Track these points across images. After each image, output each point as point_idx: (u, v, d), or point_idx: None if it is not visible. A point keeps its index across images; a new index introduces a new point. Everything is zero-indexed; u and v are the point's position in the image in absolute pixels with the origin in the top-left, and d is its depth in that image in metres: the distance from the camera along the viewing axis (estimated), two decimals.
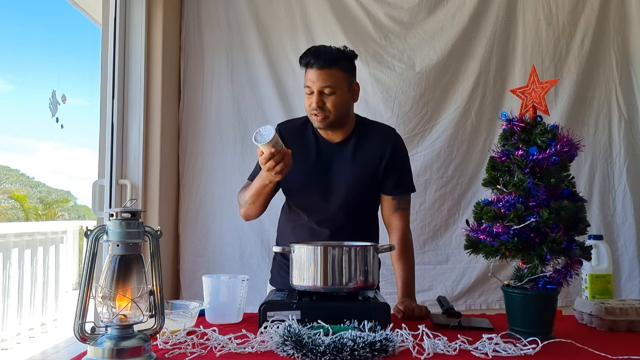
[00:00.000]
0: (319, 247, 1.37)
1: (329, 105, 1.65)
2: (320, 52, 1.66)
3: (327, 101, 1.65)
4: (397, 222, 1.77)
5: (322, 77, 1.63)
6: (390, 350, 1.07)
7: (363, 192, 1.73)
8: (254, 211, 1.75)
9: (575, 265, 1.20)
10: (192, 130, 2.79)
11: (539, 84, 1.27)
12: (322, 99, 1.64)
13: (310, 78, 1.64)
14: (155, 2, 2.55)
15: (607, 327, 1.34)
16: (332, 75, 1.64)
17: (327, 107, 1.65)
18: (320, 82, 1.63)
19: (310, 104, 1.65)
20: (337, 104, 1.66)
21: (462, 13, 2.73)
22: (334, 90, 1.64)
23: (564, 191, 1.21)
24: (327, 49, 1.68)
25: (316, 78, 1.63)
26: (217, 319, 1.42)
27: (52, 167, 30.71)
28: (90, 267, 1.03)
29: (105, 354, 1.01)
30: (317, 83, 1.63)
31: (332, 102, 1.65)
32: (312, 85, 1.64)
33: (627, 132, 2.72)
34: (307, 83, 1.66)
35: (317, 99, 1.64)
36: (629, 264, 2.66)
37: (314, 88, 1.64)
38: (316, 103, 1.64)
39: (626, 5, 2.74)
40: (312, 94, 1.65)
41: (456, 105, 2.72)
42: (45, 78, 30.32)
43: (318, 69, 1.63)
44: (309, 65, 1.65)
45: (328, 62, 1.63)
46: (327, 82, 1.63)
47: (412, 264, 1.75)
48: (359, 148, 1.73)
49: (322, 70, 1.63)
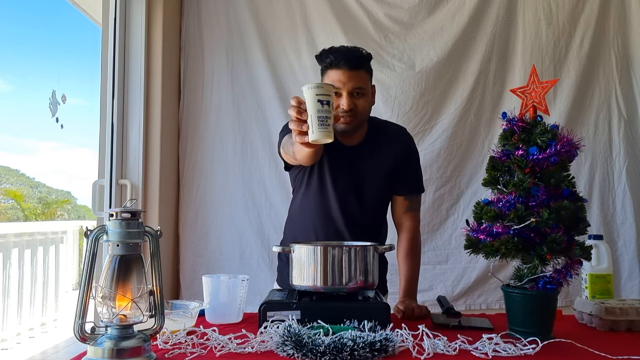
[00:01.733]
0: (319, 247, 1.37)
1: (359, 107, 1.59)
2: (349, 51, 1.60)
3: (357, 103, 1.59)
4: (408, 222, 1.77)
5: (354, 79, 1.57)
6: (390, 350, 1.07)
7: (378, 195, 1.71)
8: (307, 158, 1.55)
9: (575, 265, 1.20)
10: (192, 130, 2.79)
11: (539, 84, 1.27)
12: (353, 101, 1.58)
13: (340, 79, 1.56)
14: (155, 2, 2.55)
15: (607, 327, 1.34)
16: (361, 76, 1.59)
17: (357, 109, 1.59)
18: (352, 83, 1.57)
19: (338, 107, 1.56)
20: (365, 106, 1.62)
21: (462, 13, 2.73)
22: (364, 92, 1.60)
23: (564, 191, 1.21)
24: (353, 49, 1.62)
25: (347, 79, 1.56)
26: (217, 319, 1.42)
27: (52, 167, 30.70)
28: (90, 267, 1.03)
29: (105, 354, 1.01)
30: (349, 84, 1.56)
31: (362, 105, 1.60)
32: (342, 86, 1.56)
33: (626, 132, 2.72)
34: (334, 84, 1.54)
35: (349, 100, 1.57)
36: (629, 264, 2.66)
37: (345, 90, 1.56)
38: (348, 105, 1.57)
39: (626, 5, 2.74)
40: (339, 95, 1.57)
41: (456, 105, 2.72)
42: (45, 78, 30.31)
43: (349, 69, 1.56)
44: (336, 66, 1.57)
45: (358, 63, 1.58)
46: (358, 83, 1.58)
47: (417, 265, 1.75)
48: (374, 151, 1.70)
49: (353, 71, 1.57)
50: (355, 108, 1.59)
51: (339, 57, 1.57)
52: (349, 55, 1.58)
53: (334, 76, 1.58)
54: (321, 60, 1.62)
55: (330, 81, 1.57)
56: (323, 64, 1.62)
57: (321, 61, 1.63)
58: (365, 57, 1.63)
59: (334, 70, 1.58)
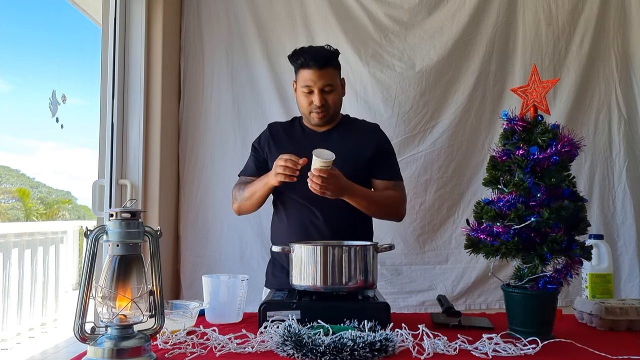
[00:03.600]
0: (318, 247, 1.38)
1: (330, 102, 1.77)
2: (317, 52, 1.76)
3: (328, 98, 1.76)
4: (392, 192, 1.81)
5: (323, 77, 1.73)
6: (390, 350, 1.07)
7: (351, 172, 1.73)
8: (248, 207, 1.83)
9: (576, 265, 1.20)
10: (192, 130, 2.79)
11: (540, 84, 1.27)
12: (324, 97, 1.75)
13: (311, 78, 1.73)
14: (155, 2, 2.55)
15: (607, 327, 1.34)
16: (330, 74, 1.76)
17: (328, 104, 1.77)
18: (322, 81, 1.74)
19: (311, 102, 1.76)
20: (336, 100, 1.79)
21: (462, 13, 2.73)
22: (333, 88, 1.77)
23: (564, 191, 1.21)
24: (320, 49, 1.79)
25: (317, 78, 1.73)
26: (217, 319, 1.42)
27: (52, 167, 30.72)
28: (90, 267, 1.03)
29: (105, 354, 1.01)
30: (319, 82, 1.73)
31: (332, 99, 1.78)
32: (312, 85, 1.74)
33: (626, 132, 2.71)
34: (306, 83, 1.75)
35: (320, 97, 1.74)
36: (629, 264, 2.65)
37: (315, 87, 1.74)
38: (320, 101, 1.74)
39: (626, 5, 2.74)
40: (311, 93, 1.75)
41: (456, 104, 2.72)
42: (45, 78, 30.35)
43: (318, 69, 1.73)
44: (307, 66, 1.75)
45: (326, 62, 1.74)
46: (328, 80, 1.75)
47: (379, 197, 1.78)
48: (346, 134, 1.84)
49: (322, 70, 1.74)
50: (327, 103, 1.77)
51: (308, 58, 1.74)
52: (317, 56, 1.74)
53: (305, 75, 1.75)
54: (293, 61, 1.80)
55: (302, 80, 1.76)
56: (295, 64, 1.80)
57: (293, 62, 1.80)
58: (333, 55, 1.78)
59: (305, 70, 1.75)
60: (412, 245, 2.68)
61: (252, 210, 1.84)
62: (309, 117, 1.80)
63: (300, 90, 1.77)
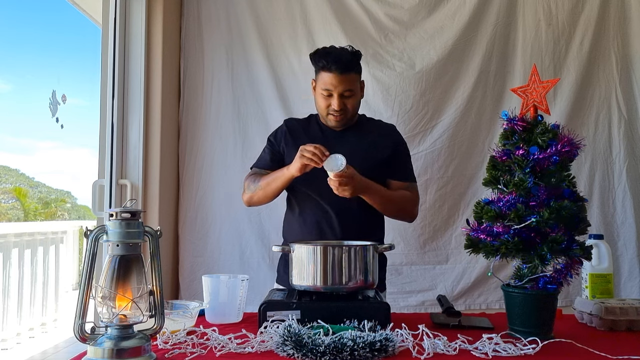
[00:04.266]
0: (318, 247, 1.37)
1: (349, 106, 1.75)
2: (340, 56, 1.71)
3: (347, 103, 1.74)
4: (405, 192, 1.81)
5: (344, 82, 1.70)
6: (390, 350, 1.07)
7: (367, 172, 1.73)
8: (261, 197, 1.79)
9: (576, 265, 1.20)
10: (192, 130, 2.79)
11: (540, 83, 1.27)
12: (343, 101, 1.73)
13: (332, 82, 1.70)
14: (155, 2, 2.55)
15: (607, 327, 1.34)
16: (351, 79, 1.72)
17: (347, 108, 1.74)
18: (343, 86, 1.71)
19: (329, 105, 1.73)
20: (355, 105, 1.77)
21: (462, 13, 2.73)
22: (353, 93, 1.74)
23: (564, 191, 1.21)
24: (344, 53, 1.73)
25: (338, 82, 1.70)
26: (217, 319, 1.42)
27: (52, 167, 30.73)
28: (90, 267, 1.03)
29: (105, 354, 1.01)
30: (340, 87, 1.71)
31: (352, 104, 1.75)
32: (333, 89, 1.71)
33: (627, 132, 2.71)
34: (326, 86, 1.72)
35: (339, 101, 1.72)
36: (629, 264, 2.65)
37: (335, 92, 1.71)
38: (339, 106, 1.72)
39: (626, 5, 2.74)
40: (331, 96, 1.73)
41: (457, 104, 2.72)
42: (45, 78, 30.36)
43: (340, 74, 1.69)
44: (329, 69, 1.70)
45: (348, 67, 1.71)
46: (348, 86, 1.72)
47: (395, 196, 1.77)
48: (363, 134, 1.82)
49: (344, 75, 1.70)
50: (345, 107, 1.74)
51: (330, 62, 1.70)
52: (340, 60, 1.70)
53: (326, 78, 1.72)
54: (314, 62, 1.76)
55: (323, 82, 1.72)
56: (316, 66, 1.76)
57: (314, 63, 1.76)
58: (356, 59, 1.75)
59: (327, 73, 1.71)
60: (412, 245, 2.68)
61: (265, 201, 1.80)
62: (326, 118, 1.78)
63: (320, 91, 1.75)
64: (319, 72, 1.75)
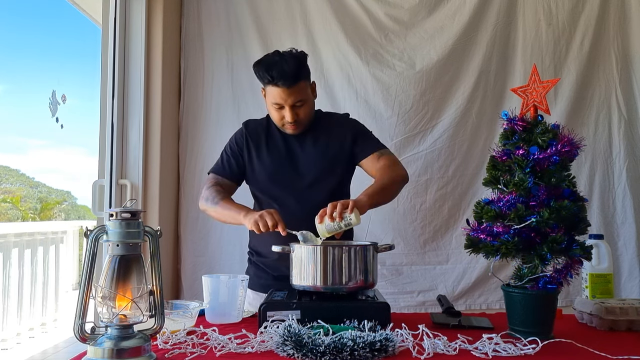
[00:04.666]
0: (318, 247, 1.38)
1: (302, 116, 1.71)
2: (285, 69, 1.63)
3: (299, 113, 1.70)
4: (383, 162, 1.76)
5: (294, 94, 1.66)
6: (390, 350, 1.07)
7: (330, 168, 1.75)
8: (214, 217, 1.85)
9: (576, 265, 1.20)
10: (192, 130, 2.79)
11: (540, 83, 1.27)
12: (296, 112, 1.69)
13: (281, 96, 1.65)
14: (155, 2, 2.55)
15: (607, 327, 1.34)
16: (300, 88, 1.67)
17: (300, 118, 1.71)
18: (292, 98, 1.66)
19: (283, 117, 1.70)
20: (309, 111, 1.74)
21: (462, 12, 2.73)
22: (305, 101, 1.70)
23: (564, 191, 1.21)
24: (289, 63, 1.65)
25: (287, 96, 1.65)
26: (217, 319, 1.42)
27: (52, 167, 30.73)
28: (90, 267, 1.03)
29: (105, 354, 1.01)
30: (290, 100, 1.66)
31: (305, 112, 1.72)
32: (283, 102, 1.67)
33: (627, 132, 2.71)
34: (275, 100, 1.67)
35: (292, 113, 1.68)
36: (629, 264, 2.65)
37: (287, 104, 1.67)
38: (292, 118, 1.68)
39: (626, 5, 2.74)
40: (282, 108, 1.68)
41: (457, 104, 2.71)
42: (45, 78, 30.35)
43: (288, 87, 1.64)
44: (275, 84, 1.64)
45: (295, 78, 1.65)
46: (299, 97, 1.67)
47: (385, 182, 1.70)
48: (320, 132, 1.80)
49: (292, 87, 1.65)
50: (299, 117, 1.71)
51: (276, 78, 1.63)
52: (285, 74, 1.63)
53: (274, 93, 1.67)
54: (259, 77, 1.69)
55: (272, 96, 1.68)
56: (262, 81, 1.70)
57: (259, 78, 1.70)
58: (302, 66, 1.69)
59: (275, 87, 1.66)
60: (412, 245, 2.68)
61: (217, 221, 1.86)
62: (282, 128, 1.76)
63: (270, 104, 1.71)
64: (265, 86, 1.70)
